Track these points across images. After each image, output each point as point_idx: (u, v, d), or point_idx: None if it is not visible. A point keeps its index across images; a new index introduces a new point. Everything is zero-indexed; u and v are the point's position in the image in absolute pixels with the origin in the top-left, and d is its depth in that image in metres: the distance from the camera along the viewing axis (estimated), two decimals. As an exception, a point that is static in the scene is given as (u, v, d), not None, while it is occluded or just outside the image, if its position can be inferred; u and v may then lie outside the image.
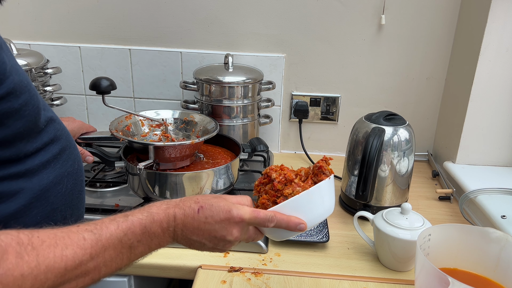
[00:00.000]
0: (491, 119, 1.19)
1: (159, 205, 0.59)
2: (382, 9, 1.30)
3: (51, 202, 0.58)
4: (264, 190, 0.71)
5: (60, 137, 0.60)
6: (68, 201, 0.62)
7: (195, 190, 1.00)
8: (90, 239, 0.51)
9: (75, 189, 0.64)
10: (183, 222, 0.59)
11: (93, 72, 1.42)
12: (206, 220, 0.59)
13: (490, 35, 1.12)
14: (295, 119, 1.44)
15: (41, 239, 0.48)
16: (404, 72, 1.37)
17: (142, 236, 0.56)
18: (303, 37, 1.36)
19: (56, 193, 0.59)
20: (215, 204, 0.60)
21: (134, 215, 0.57)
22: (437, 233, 0.79)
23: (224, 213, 0.60)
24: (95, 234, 0.52)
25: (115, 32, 1.39)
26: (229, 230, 0.61)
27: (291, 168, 0.74)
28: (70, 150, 0.63)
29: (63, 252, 0.49)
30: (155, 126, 1.12)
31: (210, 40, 1.38)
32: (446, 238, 0.80)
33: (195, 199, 0.60)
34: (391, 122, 1.05)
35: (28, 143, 0.54)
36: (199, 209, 0.59)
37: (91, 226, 0.53)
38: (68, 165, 0.62)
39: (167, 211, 0.58)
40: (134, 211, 0.58)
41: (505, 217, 0.97)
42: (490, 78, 1.16)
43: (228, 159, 1.12)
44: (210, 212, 0.59)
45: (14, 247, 0.46)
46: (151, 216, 0.57)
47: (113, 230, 0.54)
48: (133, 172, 1.01)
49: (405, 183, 1.07)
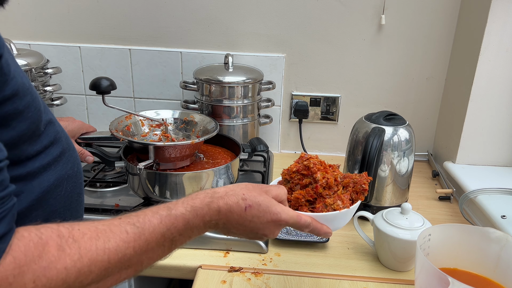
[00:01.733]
0: (491, 119, 1.19)
1: (203, 197, 0.59)
2: (382, 9, 1.30)
3: (50, 204, 0.58)
4: (300, 183, 0.71)
5: (60, 140, 0.60)
6: (67, 203, 0.62)
7: (195, 190, 0.99)
8: (133, 233, 0.51)
9: (74, 191, 0.64)
10: (227, 217, 0.59)
11: (93, 72, 1.42)
12: (252, 219, 0.60)
13: (490, 35, 1.12)
14: (295, 119, 1.44)
15: (82, 231, 0.48)
16: (404, 72, 1.37)
17: (184, 230, 0.57)
18: (303, 37, 1.36)
19: (56, 196, 0.59)
20: (263, 204, 0.60)
21: (177, 209, 0.57)
22: (437, 233, 0.79)
23: (272, 215, 0.61)
24: (138, 228, 0.52)
25: (115, 32, 1.39)
26: (272, 230, 0.63)
27: (330, 168, 0.73)
28: (69, 153, 0.63)
29: (105, 245, 0.48)
30: (155, 126, 1.12)
31: (210, 40, 1.38)
32: (446, 238, 0.80)
33: (241, 195, 0.60)
34: (391, 122, 1.05)
35: (29, 145, 0.54)
36: (247, 208, 0.59)
37: (133, 219, 0.53)
38: (68, 168, 0.61)
39: (211, 205, 0.59)
40: (177, 203, 0.58)
41: (505, 217, 0.97)
42: (490, 78, 1.16)
43: (228, 159, 1.12)
44: (257, 212, 0.60)
45: (55, 240, 0.45)
46: (195, 211, 0.58)
47: (156, 224, 0.54)
48: (133, 172, 1.01)
49: (405, 183, 1.07)
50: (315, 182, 0.70)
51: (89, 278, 0.47)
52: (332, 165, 0.74)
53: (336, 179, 0.70)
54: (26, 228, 0.45)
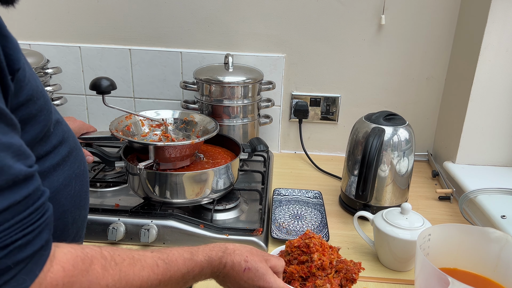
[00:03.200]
0: (491, 119, 1.20)
1: (217, 250, 0.67)
2: (382, 9, 1.30)
3: (62, 204, 0.58)
4: (298, 259, 0.76)
5: (68, 139, 0.60)
6: (76, 202, 0.62)
7: (195, 190, 1.00)
8: (162, 267, 0.58)
9: (82, 190, 0.64)
10: (228, 272, 0.66)
11: (93, 72, 1.42)
12: (247, 281, 0.67)
13: (490, 35, 1.12)
14: (295, 119, 1.44)
15: (121, 257, 0.54)
16: (404, 72, 1.37)
17: (197, 275, 0.64)
18: (303, 37, 1.36)
19: (66, 195, 0.59)
20: (260, 271, 0.67)
21: (198, 256, 0.64)
22: (437, 233, 0.79)
23: (264, 283, 0.67)
24: (166, 264, 0.59)
25: (115, 32, 1.39)
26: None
27: (328, 248, 0.78)
28: (76, 152, 0.63)
29: (140, 272, 0.55)
30: (155, 126, 1.12)
31: (210, 40, 1.38)
32: (446, 238, 0.80)
33: (245, 257, 0.67)
34: (391, 122, 1.05)
35: (40, 146, 0.54)
36: (246, 270, 0.67)
37: (163, 255, 0.60)
38: (75, 167, 0.62)
39: (222, 260, 0.66)
40: (198, 249, 0.65)
41: (505, 217, 0.97)
42: (490, 78, 1.16)
43: (228, 159, 1.12)
44: (253, 275, 0.67)
45: (99, 260, 0.50)
46: (209, 262, 0.65)
47: (180, 266, 0.61)
48: (133, 172, 1.01)
49: (405, 183, 1.07)
50: (311, 261, 0.75)
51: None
52: (333, 247, 0.79)
53: (331, 262, 0.75)
54: (70, 245, 0.50)
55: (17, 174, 0.43)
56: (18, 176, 0.43)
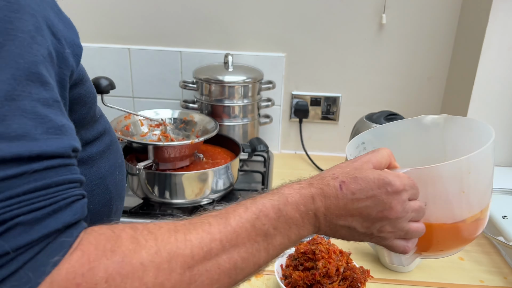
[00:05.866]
0: (492, 119, 1.19)
1: (290, 185, 0.50)
2: (383, 8, 1.29)
3: (109, 190, 0.58)
4: (304, 265, 0.73)
5: (110, 130, 0.62)
6: (120, 191, 0.62)
7: (194, 190, 0.99)
8: (217, 223, 0.43)
9: (123, 180, 0.64)
10: (325, 204, 0.48)
11: (92, 71, 1.40)
12: (354, 196, 0.47)
13: (491, 34, 1.11)
14: (295, 119, 1.43)
15: (158, 225, 0.41)
16: (405, 71, 1.36)
17: (278, 222, 0.46)
18: (304, 37, 1.35)
19: (112, 182, 0.59)
20: (360, 176, 0.48)
21: (263, 197, 0.47)
22: (371, 138, 0.68)
23: (377, 182, 0.48)
24: (221, 218, 0.44)
25: (114, 31, 1.38)
26: (387, 203, 0.48)
27: (338, 254, 0.75)
28: (117, 144, 0.64)
29: (186, 236, 0.40)
30: (155, 126, 1.11)
31: (209, 39, 1.37)
32: (383, 141, 0.68)
33: (331, 175, 0.50)
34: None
35: (87, 131, 0.54)
36: (341, 185, 0.48)
37: (215, 212, 0.45)
38: (118, 157, 0.62)
39: (302, 191, 0.48)
40: (261, 194, 0.49)
41: (506, 218, 0.97)
42: (491, 77, 1.15)
43: (228, 159, 1.12)
44: (357, 185, 0.48)
45: (128, 232, 0.38)
46: (284, 197, 0.47)
47: (242, 213, 0.45)
48: (132, 172, 1.00)
49: (406, 183, 1.07)
50: (316, 268, 0.72)
51: (171, 280, 0.38)
52: (344, 253, 0.76)
53: (338, 269, 0.72)
54: (97, 226, 0.39)
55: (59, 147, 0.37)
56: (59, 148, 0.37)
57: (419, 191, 0.51)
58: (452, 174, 0.52)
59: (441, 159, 0.66)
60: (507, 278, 0.88)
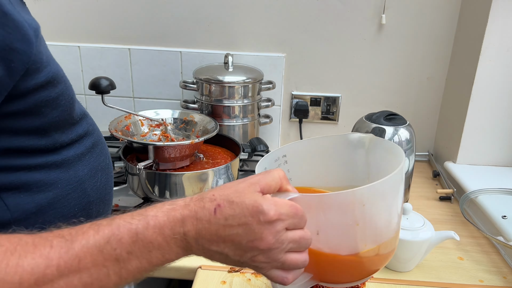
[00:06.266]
0: (492, 119, 1.19)
1: (161, 206, 0.46)
2: (383, 8, 1.30)
3: (88, 194, 0.58)
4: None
5: (93, 132, 0.61)
6: (102, 195, 0.61)
7: (195, 190, 0.99)
8: (58, 247, 0.40)
9: (107, 184, 0.64)
10: (196, 228, 0.44)
11: (92, 71, 1.42)
12: (227, 222, 0.44)
13: (490, 34, 1.12)
14: (295, 119, 1.44)
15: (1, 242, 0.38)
16: (404, 71, 1.37)
17: (134, 246, 0.43)
18: (303, 37, 1.35)
19: (92, 186, 0.59)
20: (237, 200, 0.45)
21: (123, 217, 0.44)
22: (294, 152, 0.64)
23: (251, 209, 0.44)
24: (66, 241, 0.40)
25: (114, 31, 1.39)
26: (258, 233, 0.44)
27: None
28: (102, 146, 0.64)
29: (19, 260, 0.37)
30: (155, 126, 1.12)
31: (210, 39, 1.38)
32: (306, 156, 0.64)
33: (210, 196, 0.46)
34: (392, 122, 1.05)
35: (63, 134, 0.54)
36: (216, 209, 0.44)
37: (65, 231, 0.42)
38: (101, 160, 0.62)
39: (171, 213, 0.44)
40: (124, 213, 0.45)
41: (506, 217, 0.97)
42: (491, 78, 1.15)
43: (228, 159, 1.12)
44: (231, 210, 0.44)
45: None
46: (146, 221, 0.43)
47: (91, 235, 0.41)
48: (132, 172, 1.00)
49: (406, 183, 1.07)
50: None
51: None
52: None
53: None
54: None
55: None
56: None
57: (313, 217, 0.48)
58: (343, 205, 0.48)
59: (364, 180, 0.62)
60: (506, 277, 0.88)
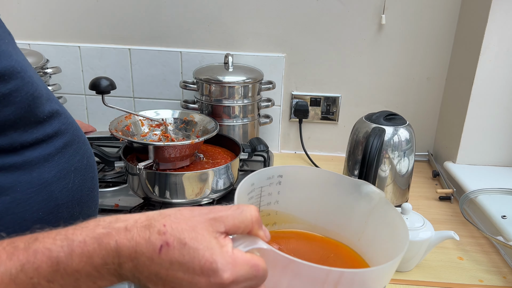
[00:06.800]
0: (492, 119, 1.19)
1: (93, 227, 0.39)
2: (383, 9, 1.30)
3: (55, 197, 0.54)
4: None
5: (66, 131, 0.57)
6: (76, 197, 0.58)
7: (195, 190, 0.99)
8: None
9: (84, 185, 0.60)
10: (134, 263, 0.38)
11: (92, 72, 1.42)
12: (171, 267, 0.37)
13: (490, 35, 1.12)
14: (295, 119, 1.44)
15: None
16: (404, 71, 1.37)
17: (55, 275, 0.37)
18: (303, 37, 1.35)
19: (61, 189, 0.55)
20: (190, 244, 0.37)
21: (43, 241, 0.38)
22: (292, 174, 0.59)
23: (204, 264, 0.37)
24: None
25: (114, 31, 1.39)
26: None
27: None
28: (78, 145, 0.60)
29: None
30: (155, 126, 1.12)
31: (210, 40, 1.38)
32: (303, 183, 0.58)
33: (161, 226, 0.38)
34: (392, 122, 1.05)
35: (24, 133, 0.50)
36: (162, 247, 0.37)
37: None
38: (76, 160, 0.58)
39: (104, 240, 0.37)
40: (50, 232, 0.39)
41: (505, 217, 0.97)
42: (491, 78, 1.15)
43: (228, 159, 1.12)
44: (180, 256, 0.37)
45: None
46: (70, 247, 0.37)
47: (2, 261, 0.36)
48: (132, 172, 1.00)
49: (406, 183, 1.07)
50: None
51: None
52: None
53: None
54: None
55: None
56: None
57: (275, 276, 0.42)
58: (312, 280, 0.42)
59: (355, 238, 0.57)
60: (506, 277, 0.88)
